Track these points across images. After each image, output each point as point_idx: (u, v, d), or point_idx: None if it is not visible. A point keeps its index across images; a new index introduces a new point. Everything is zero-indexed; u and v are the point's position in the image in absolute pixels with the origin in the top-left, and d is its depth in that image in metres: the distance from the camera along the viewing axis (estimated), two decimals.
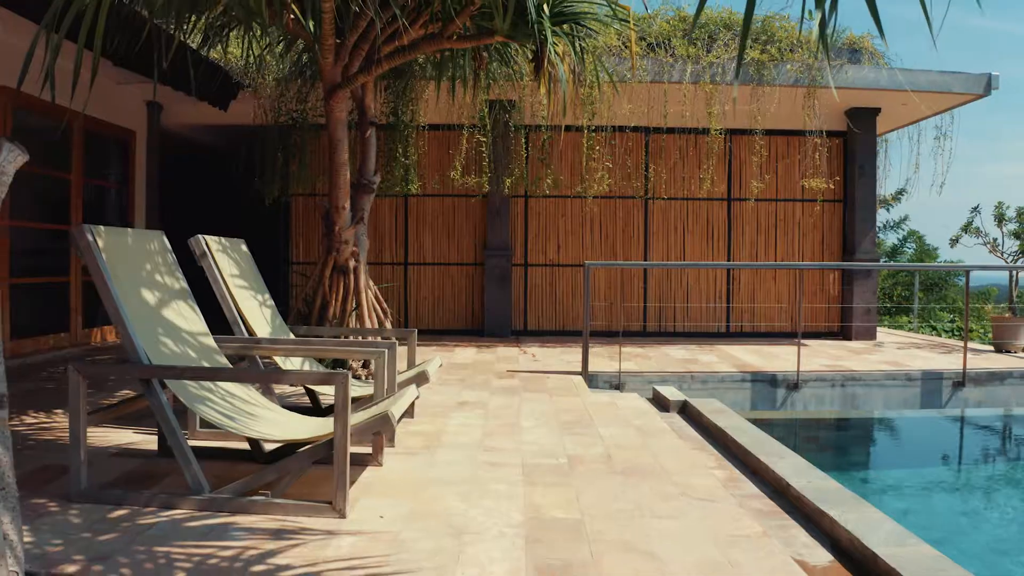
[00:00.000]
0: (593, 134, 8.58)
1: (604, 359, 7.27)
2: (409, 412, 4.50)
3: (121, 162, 8.91)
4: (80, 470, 2.95)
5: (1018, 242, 8.93)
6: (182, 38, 4.65)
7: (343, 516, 2.80)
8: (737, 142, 9.47)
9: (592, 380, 6.45)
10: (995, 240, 9.20)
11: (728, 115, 8.51)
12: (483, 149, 8.43)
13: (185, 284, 3.51)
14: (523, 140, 8.98)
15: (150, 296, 3.20)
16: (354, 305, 5.65)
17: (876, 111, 9.31)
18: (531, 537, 2.66)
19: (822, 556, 2.60)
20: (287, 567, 2.37)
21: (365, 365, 5.66)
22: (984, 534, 4.05)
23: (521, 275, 9.65)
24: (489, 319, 9.34)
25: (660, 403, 5.34)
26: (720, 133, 8.60)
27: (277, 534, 2.65)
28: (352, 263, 5.61)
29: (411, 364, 4.69)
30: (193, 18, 4.64)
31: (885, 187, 15.57)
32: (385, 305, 6.04)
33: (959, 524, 4.19)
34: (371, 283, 5.92)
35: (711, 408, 4.78)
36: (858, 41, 9.25)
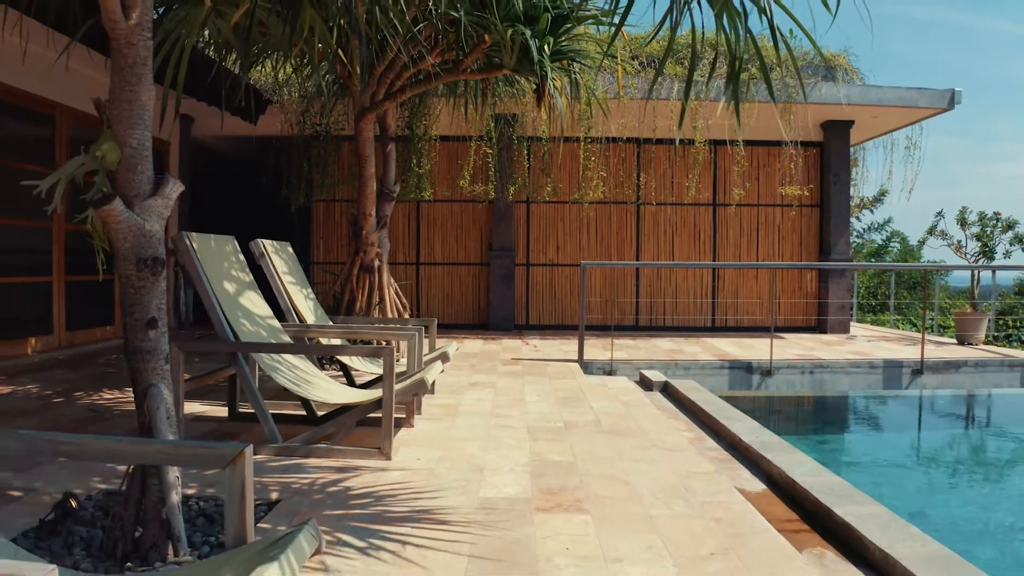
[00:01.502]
0: (589, 146, 9.39)
1: (598, 349, 8.06)
2: (430, 389, 5.29)
3: (156, 171, 9.69)
4: (180, 425, 3.74)
5: (979, 244, 9.71)
6: (240, 71, 5.44)
7: (389, 458, 3.59)
8: (721, 152, 10.27)
9: (587, 367, 7.24)
10: (959, 242, 9.98)
11: (712, 128, 9.31)
12: (489, 160, 9.24)
13: (252, 278, 4.30)
14: (525, 151, 9.79)
15: (230, 287, 4.00)
16: (378, 299, 6.45)
17: (850, 123, 10.10)
18: (535, 472, 3.45)
19: (758, 486, 3.40)
20: (352, 488, 3.16)
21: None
22: (911, 482, 4.86)
23: (523, 274, 10.46)
24: (494, 314, 10.14)
25: (645, 384, 6.13)
26: (705, 144, 9.40)
27: (340, 470, 3.44)
28: (376, 263, 6.41)
29: (432, 348, 5.48)
30: (256, 52, 5.40)
31: (863, 191, 16.37)
32: (404, 299, 6.84)
33: (892, 473, 5.00)
34: (392, 280, 6.71)
35: (687, 386, 5.58)
36: (834, 59, 10.05)
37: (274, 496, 3.05)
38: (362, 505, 2.95)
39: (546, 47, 4.91)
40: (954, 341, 9.61)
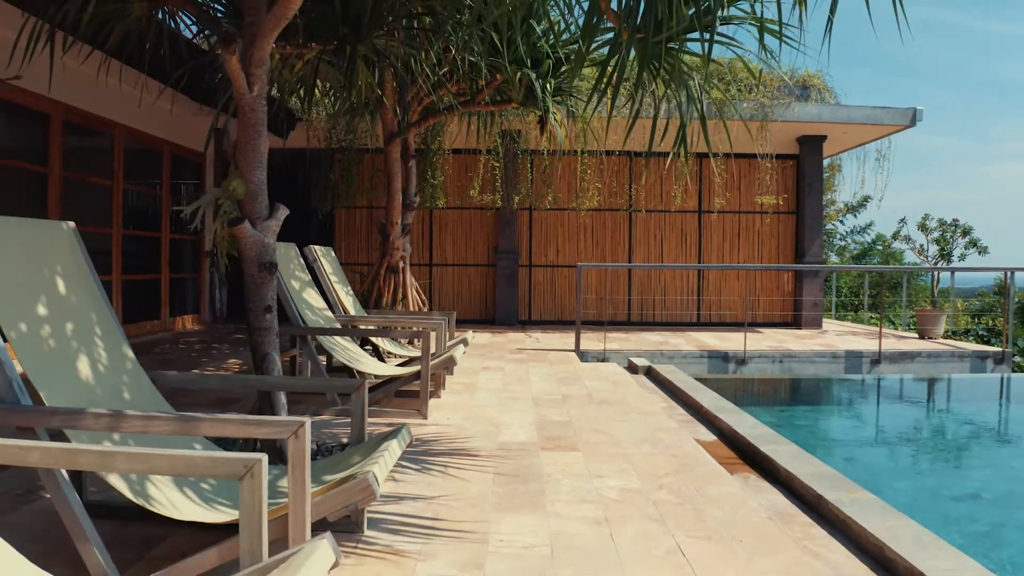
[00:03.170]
0: (585, 159, 10.41)
1: (593, 341, 9.07)
2: (449, 371, 6.30)
3: (195, 180, 10.73)
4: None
5: (937, 247, 10.72)
6: (282, 101, 6.46)
7: (426, 418, 4.60)
8: (706, 164, 11.29)
9: (583, 356, 8.25)
10: (921, 246, 10.99)
11: (697, 142, 10.31)
12: (496, 172, 10.28)
13: (310, 277, 5.32)
14: (528, 164, 10.82)
15: (295, 284, 5.01)
16: (402, 296, 7.46)
17: (823, 138, 11.11)
18: (539, 426, 4.47)
19: (710, 437, 4.41)
20: None
21: (410, 341, 7.46)
22: (849, 438, 5.90)
23: (526, 275, 11.50)
24: (500, 311, 11.18)
25: (632, 369, 7.14)
26: (690, 157, 10.41)
27: (388, 425, 4.45)
28: (401, 264, 7.42)
29: (452, 337, 6.49)
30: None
31: (842, 197, 17.32)
32: (423, 296, 7.86)
33: (834, 432, 6.04)
34: (413, 280, 7.73)
35: (667, 370, 6.59)
36: (808, 79, 11.05)
37: (344, 440, 4.06)
38: (412, 446, 3.96)
39: (548, 86, 5.93)
40: (916, 335, 10.62)
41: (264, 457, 1.60)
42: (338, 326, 5.26)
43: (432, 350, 5.68)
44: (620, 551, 2.58)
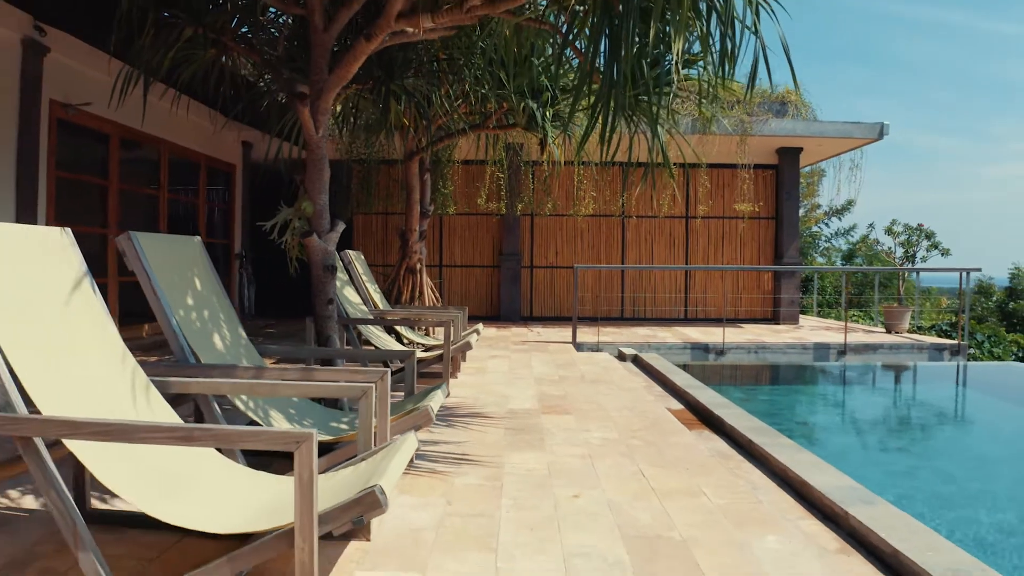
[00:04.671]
0: (582, 170, 11.45)
1: (589, 334, 10.10)
2: (464, 356, 7.32)
3: (225, 188, 11.76)
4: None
5: (902, 250, 11.73)
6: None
7: (447, 393, 5.62)
8: (693, 174, 12.32)
9: (579, 347, 9.27)
10: (889, 249, 12.00)
11: (685, 154, 11.35)
12: (501, 182, 11.32)
13: (348, 277, 6.35)
14: (530, 175, 11.87)
15: (337, 283, 6.04)
16: (419, 293, 8.48)
17: (799, 150, 12.14)
18: (540, 398, 5.50)
19: (678, 406, 5.44)
20: None
21: (427, 332, 8.49)
22: (803, 410, 6.92)
23: (528, 275, 12.53)
24: (504, 308, 12.21)
25: (621, 357, 8.17)
26: (678, 167, 11.43)
27: None
28: (418, 265, 8.44)
29: (464, 328, 7.52)
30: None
31: (821, 202, 18.29)
32: (437, 294, 8.88)
33: (796, 410, 7.06)
34: (429, 279, 8.75)
35: (650, 357, 7.62)
36: (787, 96, 12.07)
37: None
38: (438, 412, 4.99)
39: (547, 114, 6.96)
40: (883, 330, 11.64)
41: (374, 385, 2.63)
42: (372, 318, 6.29)
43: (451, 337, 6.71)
44: (598, 472, 3.61)
